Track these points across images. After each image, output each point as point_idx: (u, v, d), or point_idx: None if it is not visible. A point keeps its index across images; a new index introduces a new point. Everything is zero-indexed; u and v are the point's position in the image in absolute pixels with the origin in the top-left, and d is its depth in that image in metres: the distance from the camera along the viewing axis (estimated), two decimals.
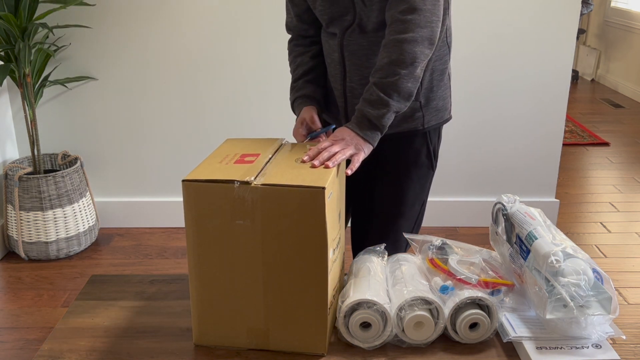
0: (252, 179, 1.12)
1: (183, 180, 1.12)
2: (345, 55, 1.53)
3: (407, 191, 1.62)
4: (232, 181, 1.11)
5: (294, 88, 1.63)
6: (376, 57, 1.44)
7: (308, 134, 1.53)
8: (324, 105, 1.63)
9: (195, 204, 1.13)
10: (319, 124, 1.53)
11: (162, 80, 3.00)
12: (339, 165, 1.25)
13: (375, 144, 1.40)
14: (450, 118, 1.65)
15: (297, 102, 1.60)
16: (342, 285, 1.32)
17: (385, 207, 1.64)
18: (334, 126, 1.53)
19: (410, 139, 1.59)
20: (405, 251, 1.68)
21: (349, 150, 1.33)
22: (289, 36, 1.69)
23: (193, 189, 1.12)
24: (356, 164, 1.35)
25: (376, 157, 1.57)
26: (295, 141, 1.51)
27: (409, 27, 1.35)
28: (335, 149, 1.30)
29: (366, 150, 1.38)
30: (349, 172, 1.33)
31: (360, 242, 1.67)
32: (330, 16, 1.51)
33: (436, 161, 1.65)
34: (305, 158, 1.24)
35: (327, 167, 1.22)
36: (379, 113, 1.37)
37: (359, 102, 1.41)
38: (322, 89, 1.63)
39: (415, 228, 1.69)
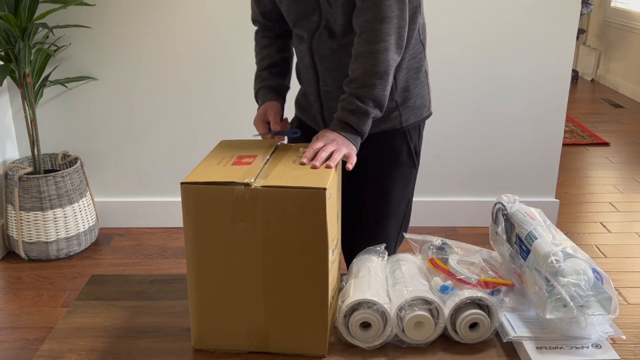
0: (252, 180, 1.11)
1: (182, 183, 1.11)
2: (316, 60, 1.53)
3: (391, 191, 1.62)
4: (232, 183, 1.10)
5: (259, 77, 1.64)
6: (347, 60, 1.45)
7: (270, 132, 1.55)
8: (285, 99, 1.65)
9: (194, 206, 1.12)
10: (278, 126, 1.53)
11: (162, 80, 3.00)
12: (336, 165, 1.25)
13: (358, 148, 1.43)
14: (430, 115, 1.65)
15: (262, 92, 1.61)
16: (339, 286, 1.32)
17: (371, 208, 1.64)
18: (299, 133, 1.54)
19: (389, 138, 1.59)
20: (395, 251, 1.68)
21: (343, 149, 1.34)
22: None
23: (192, 191, 1.11)
24: (354, 159, 1.36)
25: (358, 159, 1.57)
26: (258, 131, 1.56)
27: (379, 36, 1.37)
28: (331, 148, 1.30)
29: (355, 151, 1.40)
30: (350, 166, 1.34)
31: (348, 243, 1.66)
32: (296, 16, 1.50)
33: (418, 159, 1.66)
34: (304, 160, 1.24)
35: (328, 167, 1.22)
36: (360, 120, 1.40)
37: (338, 111, 1.42)
38: (287, 83, 1.65)
39: (403, 227, 1.69)
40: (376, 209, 1.63)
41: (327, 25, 1.48)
